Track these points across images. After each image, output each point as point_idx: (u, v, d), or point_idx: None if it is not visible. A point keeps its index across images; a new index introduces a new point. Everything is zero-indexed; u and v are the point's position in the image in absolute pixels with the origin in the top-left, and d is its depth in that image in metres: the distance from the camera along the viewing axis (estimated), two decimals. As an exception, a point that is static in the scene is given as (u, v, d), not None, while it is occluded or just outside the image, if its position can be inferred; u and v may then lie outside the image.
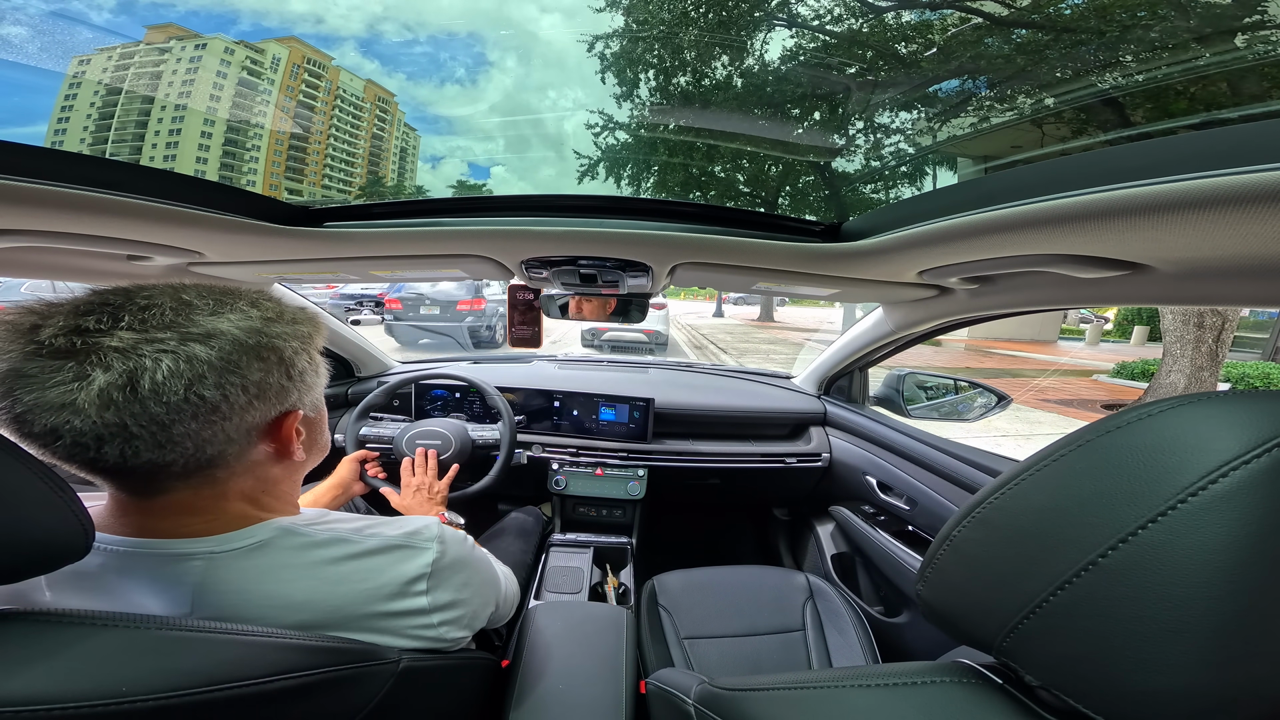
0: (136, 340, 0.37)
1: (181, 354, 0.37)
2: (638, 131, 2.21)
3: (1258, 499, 0.21)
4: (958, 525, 0.33)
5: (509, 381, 1.56)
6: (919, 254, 0.67)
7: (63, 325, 0.36)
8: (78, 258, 0.78)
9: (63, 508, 0.35)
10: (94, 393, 0.35)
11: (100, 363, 0.35)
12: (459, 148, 28.03)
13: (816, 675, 0.39)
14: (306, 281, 1.27)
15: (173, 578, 0.41)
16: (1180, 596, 0.22)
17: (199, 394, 0.38)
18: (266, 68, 6.67)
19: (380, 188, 7.28)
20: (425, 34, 40.79)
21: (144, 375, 0.36)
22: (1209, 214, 0.38)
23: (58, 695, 0.31)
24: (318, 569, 0.45)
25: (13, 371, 0.35)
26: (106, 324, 0.37)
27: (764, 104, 3.08)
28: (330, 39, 39.35)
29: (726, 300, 20.24)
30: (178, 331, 0.38)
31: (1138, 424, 0.26)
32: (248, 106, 5.91)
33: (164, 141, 6.09)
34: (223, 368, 0.39)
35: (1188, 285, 0.57)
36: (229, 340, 0.40)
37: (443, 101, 38.75)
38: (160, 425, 0.37)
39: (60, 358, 0.35)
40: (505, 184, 19.45)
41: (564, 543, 1.39)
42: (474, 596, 0.56)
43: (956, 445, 1.15)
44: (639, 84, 2.35)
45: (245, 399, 0.41)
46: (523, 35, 38.70)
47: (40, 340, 0.36)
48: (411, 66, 43.65)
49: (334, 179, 7.12)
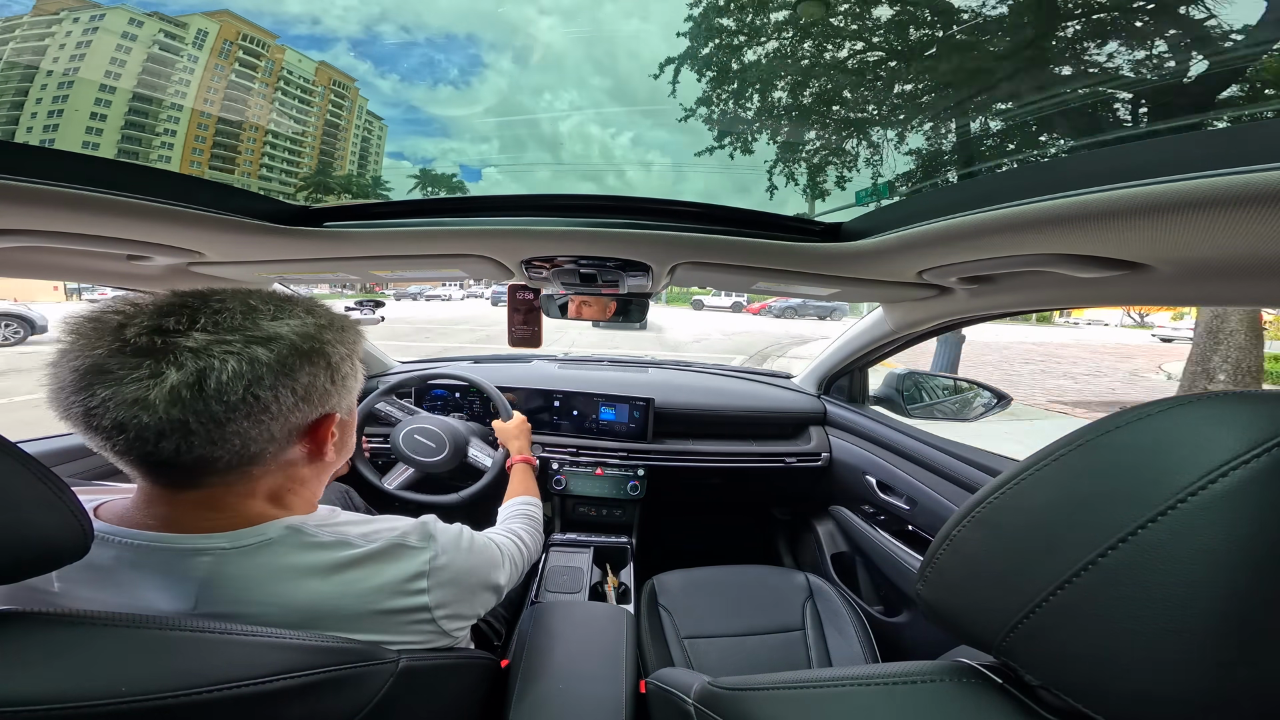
0: (209, 341, 0.39)
1: (245, 355, 0.39)
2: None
3: (1257, 499, 0.21)
4: (958, 525, 0.33)
5: (509, 381, 1.56)
6: (919, 254, 0.67)
7: (146, 324, 0.38)
8: (78, 258, 0.78)
9: (62, 508, 0.35)
10: (166, 390, 0.36)
11: (175, 361, 0.37)
12: (453, 149, 27.51)
13: (816, 675, 0.39)
14: (306, 281, 1.27)
15: (181, 573, 0.42)
16: (1180, 596, 0.22)
17: (255, 394, 0.40)
18: (187, 42, 6.15)
19: (330, 178, 7.03)
20: (424, 35, 40.11)
21: (211, 375, 0.38)
22: (1208, 214, 0.38)
23: (57, 695, 0.31)
24: (320, 570, 0.45)
25: (96, 367, 0.37)
26: (184, 324, 0.39)
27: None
28: (324, 39, 38.43)
29: (766, 307, 18.97)
30: (244, 334, 0.40)
31: (1137, 424, 0.26)
32: (160, 82, 5.39)
33: (45, 111, 5.48)
34: (279, 370, 0.41)
35: (1187, 285, 0.57)
36: (287, 344, 0.42)
37: (437, 102, 37.68)
38: (217, 423, 0.39)
39: (141, 355, 0.37)
40: (500, 185, 19.15)
41: (564, 542, 1.39)
42: (474, 587, 0.57)
43: (957, 445, 1.15)
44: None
45: (293, 400, 0.43)
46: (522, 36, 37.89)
47: (125, 338, 0.37)
48: (407, 66, 42.86)
49: (275, 166, 6.80)
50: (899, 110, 1.93)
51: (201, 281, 0.98)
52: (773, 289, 1.02)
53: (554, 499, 1.51)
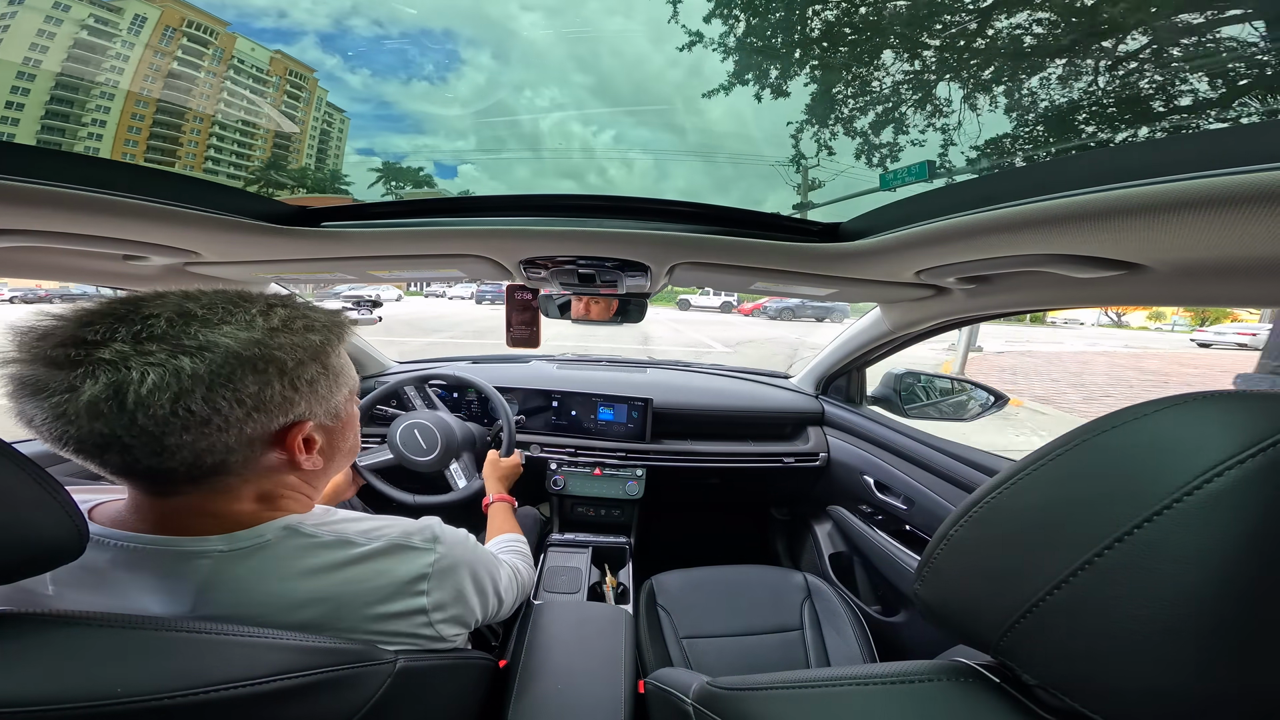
0: (126, 353, 0.36)
1: (169, 367, 0.37)
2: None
3: (1252, 498, 0.21)
4: (955, 524, 0.33)
5: (508, 381, 1.55)
6: (917, 254, 0.68)
7: (65, 335, 0.37)
8: (74, 258, 0.78)
9: (56, 509, 0.35)
10: (82, 404, 0.35)
11: (90, 375, 0.35)
12: (427, 145, 24.85)
13: (814, 674, 0.39)
14: (304, 281, 1.27)
15: (178, 575, 0.41)
16: (1176, 595, 0.22)
17: (186, 407, 0.37)
18: (121, 28, 6.03)
19: (282, 172, 6.91)
20: (398, 30, 36.48)
21: (129, 388, 0.35)
22: (1205, 214, 0.38)
23: (53, 696, 0.31)
24: (320, 570, 0.45)
25: (19, 378, 0.36)
26: (104, 335, 0.37)
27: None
28: (291, 32, 34.78)
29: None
30: (169, 344, 0.38)
31: (1133, 423, 0.26)
32: (88, 70, 5.28)
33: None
34: (211, 381, 0.38)
35: (1184, 285, 0.57)
36: (222, 353, 0.39)
37: (412, 98, 34.57)
38: (151, 436, 0.37)
39: (57, 367, 0.36)
40: (479, 182, 18.04)
41: (562, 542, 1.39)
42: (474, 595, 0.56)
43: (954, 444, 1.15)
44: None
45: (241, 411, 0.40)
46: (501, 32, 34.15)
47: (46, 349, 0.36)
48: (380, 61, 38.13)
49: (223, 157, 6.69)
50: (1005, 55, 1.16)
51: (199, 281, 0.98)
52: (770, 289, 1.02)
53: (552, 499, 1.51)
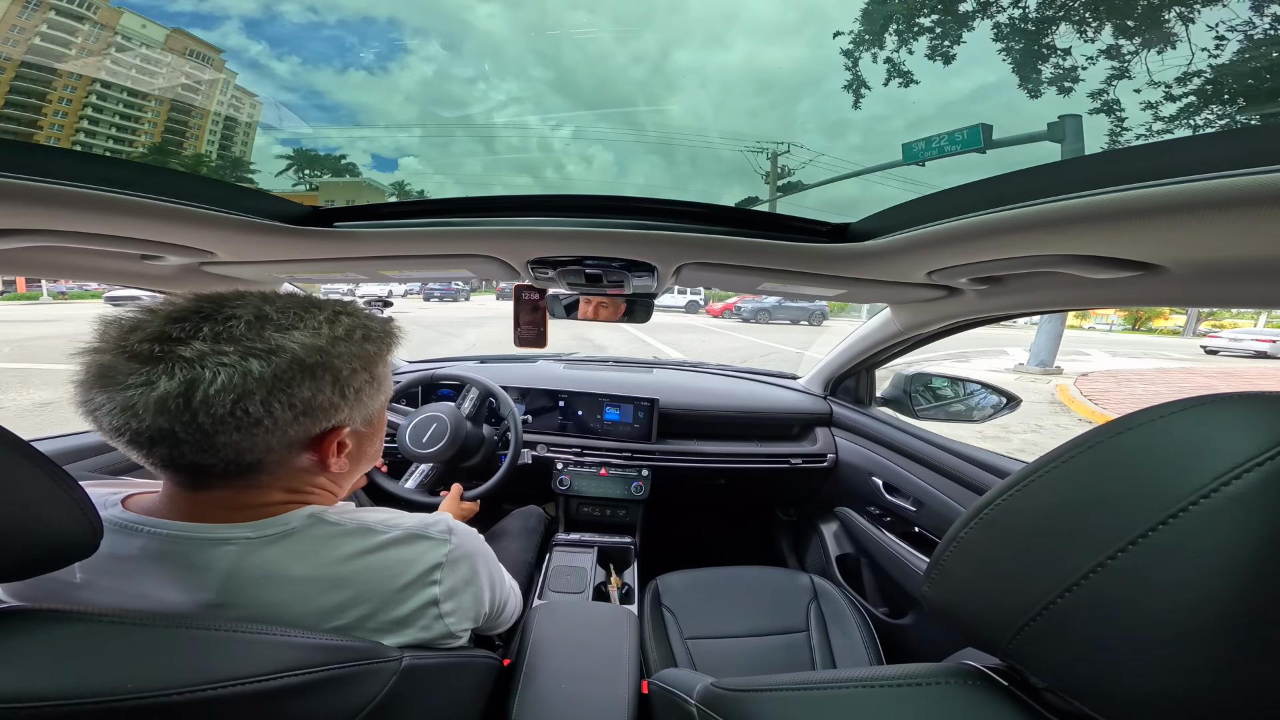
0: (204, 352, 0.38)
1: (239, 369, 0.39)
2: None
3: (1273, 500, 0.21)
4: (965, 526, 0.33)
5: (514, 381, 1.56)
6: (928, 255, 0.67)
7: (153, 331, 0.39)
8: (91, 257, 0.79)
9: (71, 506, 0.36)
10: (153, 399, 0.37)
11: (168, 371, 0.37)
12: (364, 137, 25.71)
13: (820, 676, 0.39)
14: (317, 281, 1.28)
15: (205, 562, 0.42)
16: (1191, 600, 0.22)
17: (244, 408, 0.39)
18: None
19: (178, 154, 6.92)
20: (335, 17, 37.87)
21: (200, 386, 0.37)
22: (1224, 215, 0.37)
23: (65, 691, 0.31)
24: (343, 558, 0.46)
25: (103, 368, 0.38)
26: (188, 333, 0.39)
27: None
28: (212, 18, 35.96)
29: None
30: (243, 345, 0.40)
31: (1149, 425, 0.26)
32: None
33: None
34: (273, 385, 0.40)
35: (1202, 286, 0.56)
36: (288, 358, 0.41)
37: (347, 88, 35.41)
38: (204, 434, 0.39)
39: (140, 361, 0.37)
40: (422, 176, 17.84)
41: (568, 542, 1.39)
42: (483, 590, 0.57)
43: (964, 446, 1.14)
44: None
45: (290, 415, 0.42)
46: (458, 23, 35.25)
47: (129, 343, 0.38)
48: (311, 48, 40.00)
49: (101, 131, 6.73)
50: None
51: (213, 282, 0.99)
52: (778, 289, 1.02)
53: (558, 499, 1.52)
